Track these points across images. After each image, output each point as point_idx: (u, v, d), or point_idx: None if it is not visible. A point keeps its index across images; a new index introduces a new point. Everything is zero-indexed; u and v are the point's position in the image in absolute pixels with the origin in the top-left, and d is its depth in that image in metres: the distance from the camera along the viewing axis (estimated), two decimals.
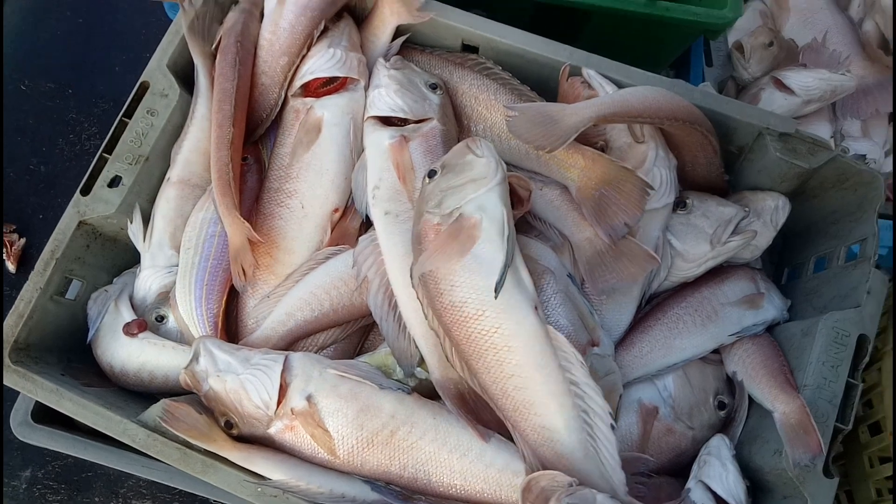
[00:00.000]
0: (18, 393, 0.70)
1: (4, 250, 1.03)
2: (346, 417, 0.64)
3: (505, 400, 0.63)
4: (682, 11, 0.88)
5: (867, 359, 0.68)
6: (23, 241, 1.05)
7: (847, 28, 1.18)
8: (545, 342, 0.63)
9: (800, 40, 1.19)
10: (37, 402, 0.72)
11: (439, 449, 0.65)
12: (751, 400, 0.74)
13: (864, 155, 1.02)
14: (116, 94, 1.15)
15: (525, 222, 0.78)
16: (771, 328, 0.78)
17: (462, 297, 0.62)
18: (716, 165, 0.77)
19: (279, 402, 0.64)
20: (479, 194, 0.64)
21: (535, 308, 0.64)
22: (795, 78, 1.04)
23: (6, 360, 0.69)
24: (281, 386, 0.64)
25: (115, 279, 0.80)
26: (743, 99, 1.12)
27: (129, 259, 0.81)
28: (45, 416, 0.74)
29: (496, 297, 0.61)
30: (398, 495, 0.64)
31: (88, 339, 0.75)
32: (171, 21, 0.81)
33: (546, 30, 0.96)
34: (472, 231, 0.62)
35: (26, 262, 1.05)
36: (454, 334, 0.63)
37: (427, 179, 0.67)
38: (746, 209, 0.78)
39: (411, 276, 0.65)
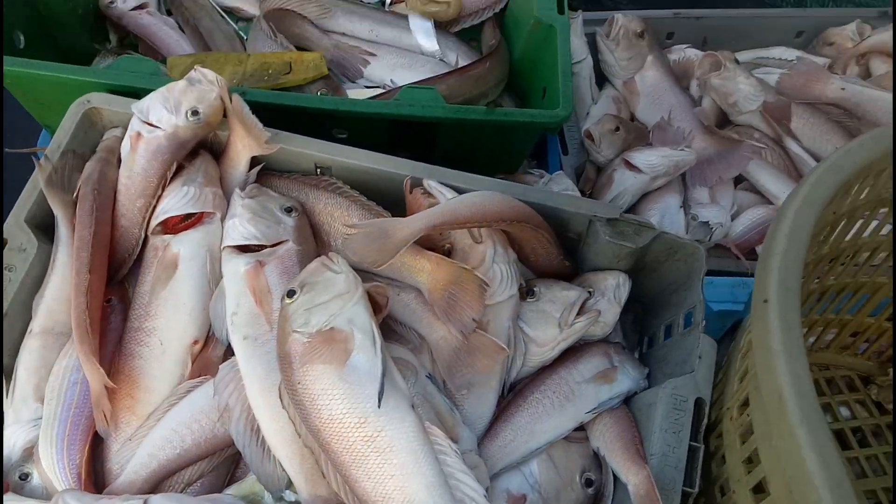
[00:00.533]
0: None
1: None
2: None
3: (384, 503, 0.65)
4: (519, 115, 0.97)
5: (706, 421, 0.73)
6: None
7: (688, 106, 1.31)
8: (424, 437, 0.67)
9: (651, 119, 1.31)
10: None
11: None
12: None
13: (707, 221, 1.11)
14: None
15: (386, 326, 0.82)
16: (631, 399, 0.83)
17: (343, 409, 0.65)
18: (554, 254, 0.83)
19: None
20: (346, 309, 0.68)
21: (413, 406, 0.68)
22: (641, 158, 1.14)
23: None
24: None
25: None
26: (600, 179, 1.21)
27: None
28: None
29: (380, 406, 0.65)
30: None
31: None
32: None
33: (406, 141, 1.04)
34: (346, 344, 0.67)
35: None
36: (333, 447, 0.65)
37: (287, 299, 0.70)
38: (590, 290, 0.84)
39: (280, 396, 0.68)
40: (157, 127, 0.82)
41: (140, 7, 1.20)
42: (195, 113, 0.82)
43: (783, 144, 1.28)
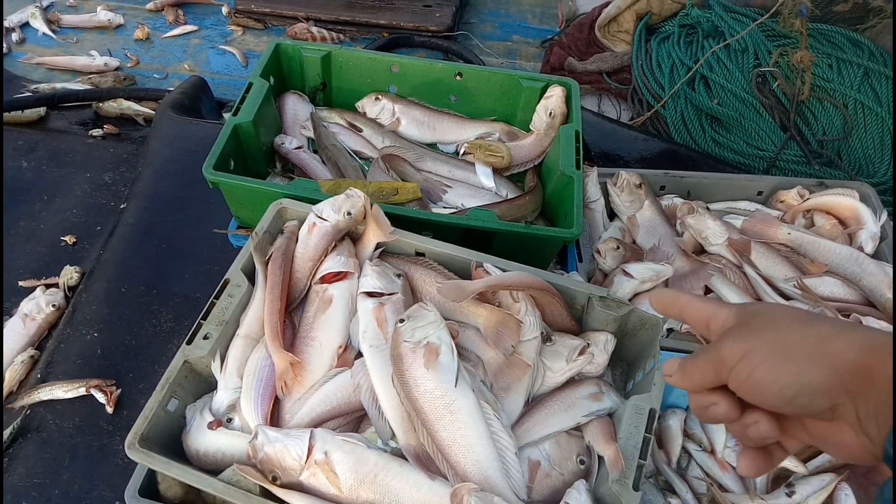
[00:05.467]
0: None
1: (105, 397, 1.48)
2: (347, 465, 1.07)
3: (454, 445, 1.08)
4: (546, 231, 1.48)
5: (655, 422, 1.15)
6: (119, 390, 1.52)
7: (673, 236, 1.80)
8: (479, 407, 1.11)
9: (647, 245, 1.80)
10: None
11: (404, 485, 1.07)
12: (601, 459, 1.18)
13: None
14: (186, 292, 1.69)
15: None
16: (612, 415, 1.25)
17: (432, 386, 1.10)
18: (566, 316, 1.30)
19: (307, 458, 1.08)
20: (437, 330, 1.15)
21: (473, 390, 1.13)
22: (633, 268, 1.62)
23: (135, 444, 1.12)
24: (309, 448, 1.08)
25: (197, 401, 1.25)
26: (605, 282, 1.69)
27: (204, 387, 1.27)
28: (146, 493, 1.15)
29: (455, 386, 1.10)
30: None
31: (184, 433, 1.18)
32: (231, 244, 1.37)
33: (471, 240, 1.54)
34: (437, 350, 1.13)
35: (120, 405, 1.50)
36: (424, 409, 1.09)
37: (399, 324, 1.17)
38: (588, 342, 1.29)
39: (392, 379, 1.13)
40: (326, 220, 1.34)
41: (298, 147, 1.79)
42: (349, 213, 1.34)
43: (743, 270, 1.74)
